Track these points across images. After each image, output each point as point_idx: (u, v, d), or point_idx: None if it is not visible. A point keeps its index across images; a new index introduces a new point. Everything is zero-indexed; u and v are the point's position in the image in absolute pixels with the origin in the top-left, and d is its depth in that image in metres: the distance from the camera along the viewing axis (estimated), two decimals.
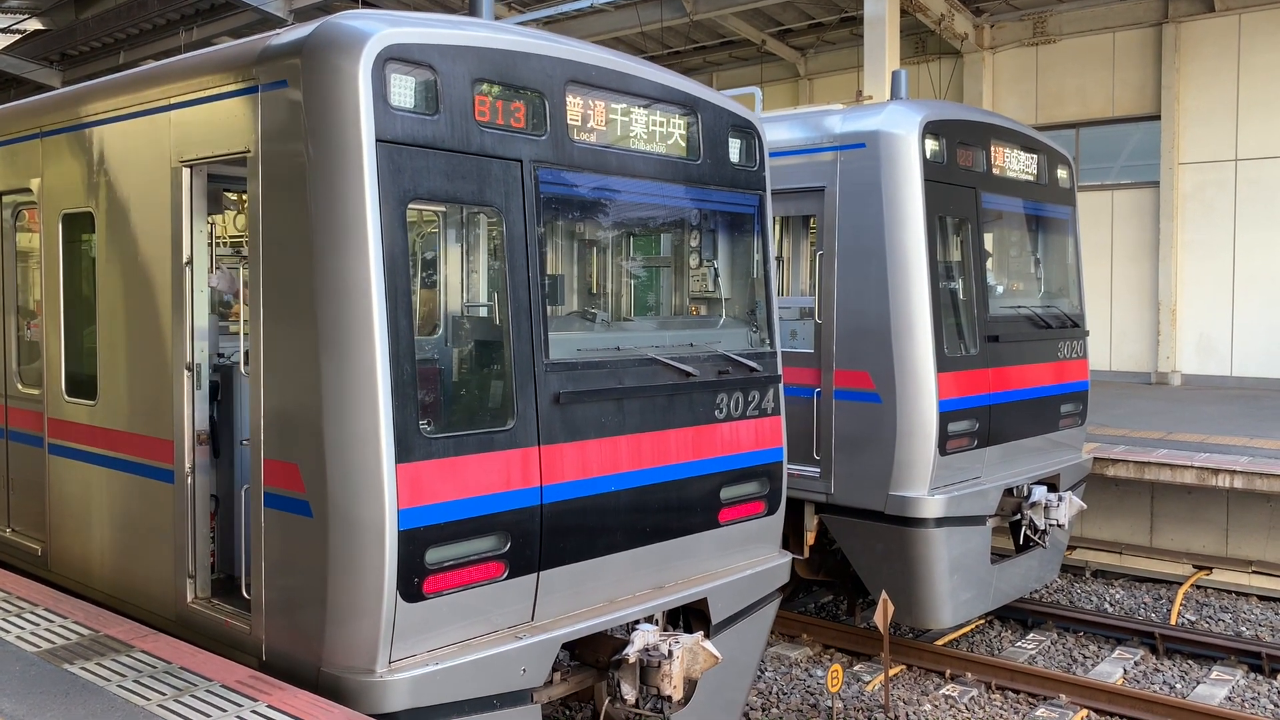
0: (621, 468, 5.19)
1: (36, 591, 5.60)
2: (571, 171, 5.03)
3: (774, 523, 6.12)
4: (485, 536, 4.60)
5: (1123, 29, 17.67)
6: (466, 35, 4.66)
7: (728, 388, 5.74)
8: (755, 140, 6.09)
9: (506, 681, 4.62)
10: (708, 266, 6.20)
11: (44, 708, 4.05)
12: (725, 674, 5.71)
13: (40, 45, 24.58)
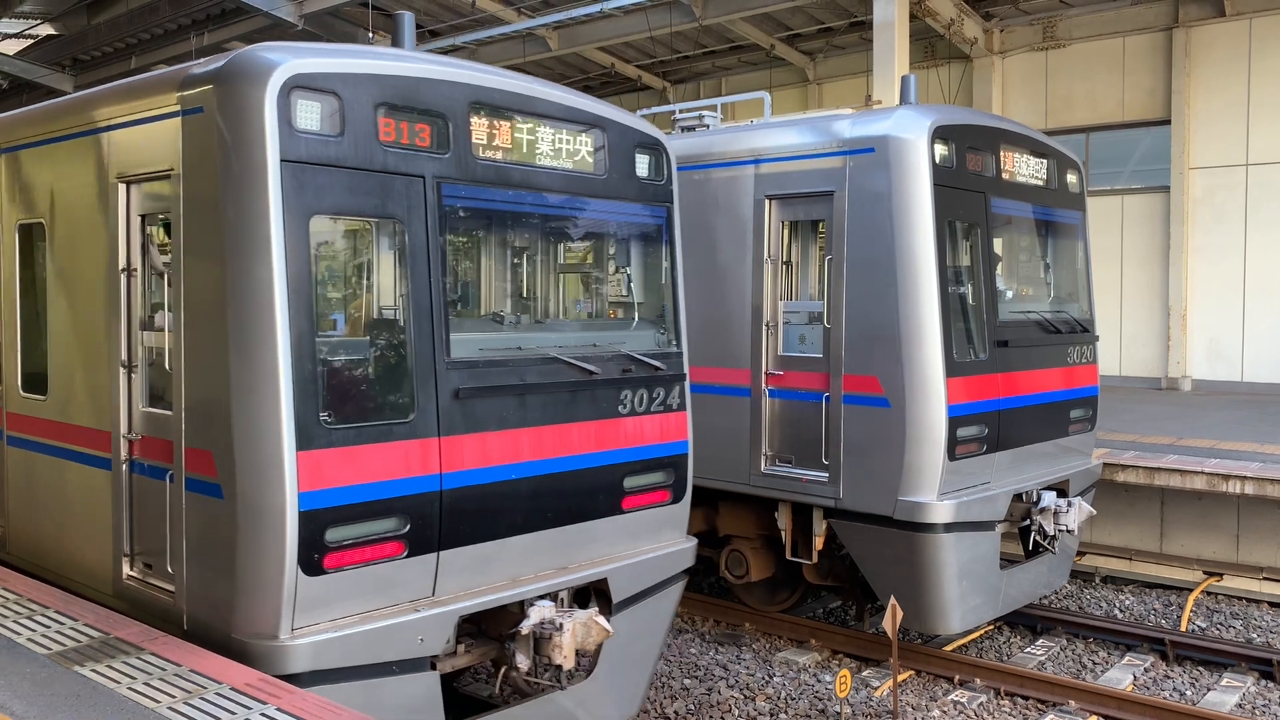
0: (522, 457, 5.64)
1: (47, 594, 5.63)
2: (475, 186, 5.51)
3: (679, 510, 6.57)
4: (385, 519, 5.06)
5: (1133, 33, 17.64)
6: (370, 64, 5.12)
7: (631, 385, 6.23)
8: (663, 156, 6.56)
9: (404, 649, 5.07)
10: (614, 273, 6.71)
11: (55, 710, 4.07)
12: (629, 649, 6.21)
13: (52, 50, 24.72)
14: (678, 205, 6.70)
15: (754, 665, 8.33)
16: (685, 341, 6.67)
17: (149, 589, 5.38)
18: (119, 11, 22.56)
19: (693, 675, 8.10)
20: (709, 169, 8.76)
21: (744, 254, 8.51)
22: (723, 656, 8.51)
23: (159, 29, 21.88)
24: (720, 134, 8.92)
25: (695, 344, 8.83)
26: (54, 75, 25.27)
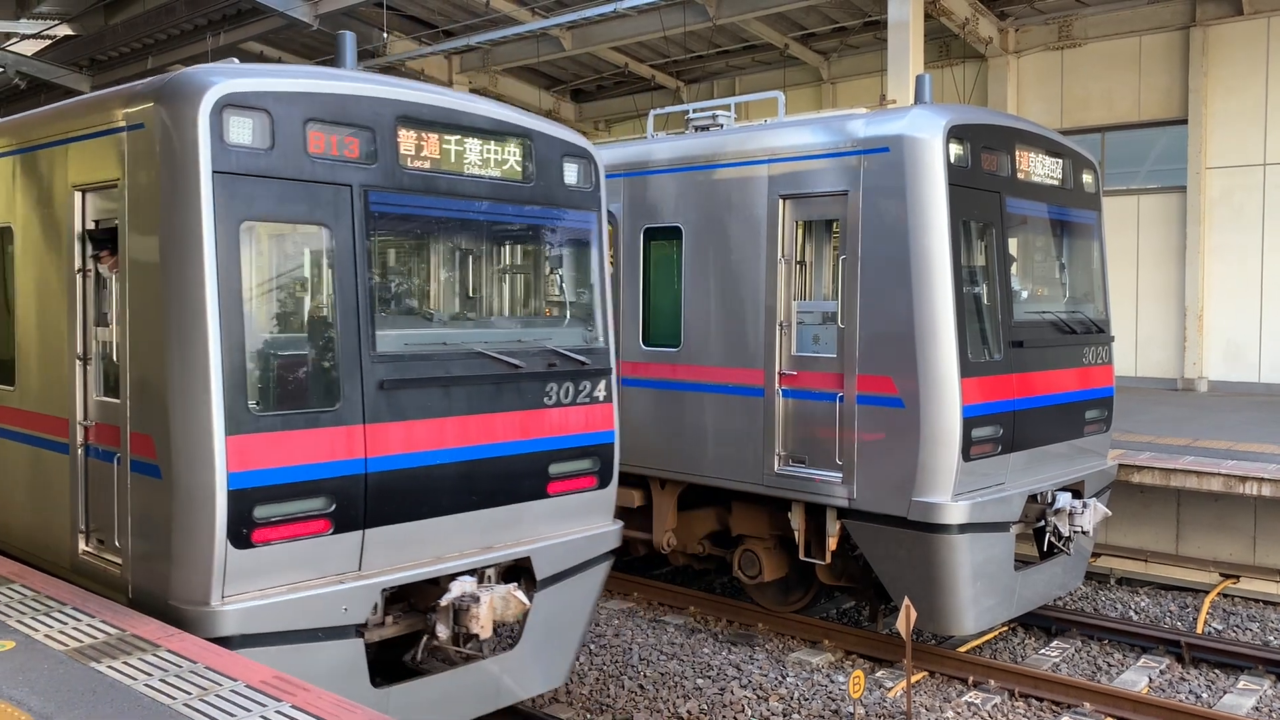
0: (447, 444, 6.08)
1: (65, 590, 5.67)
2: (402, 193, 5.95)
3: (605, 495, 7.03)
4: (311, 499, 5.49)
5: (1149, 32, 17.54)
6: (299, 83, 5.57)
7: (557, 378, 6.67)
8: (591, 165, 7.00)
9: (329, 618, 5.53)
10: (542, 273, 7.14)
11: (72, 706, 4.09)
12: (554, 623, 6.72)
13: (70, 50, 24.87)
14: (604, 210, 7.13)
15: (767, 665, 8.32)
16: (612, 338, 7.14)
17: (102, 562, 5.84)
18: (136, 12, 22.67)
19: (705, 675, 8.10)
20: (722, 168, 8.76)
21: (758, 254, 8.50)
22: (735, 656, 8.50)
23: (175, 29, 21.98)
24: (734, 134, 8.91)
25: (708, 344, 8.83)
26: (71, 75, 25.42)
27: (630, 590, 10.17)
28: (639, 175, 9.39)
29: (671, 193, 9.14)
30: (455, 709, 6.28)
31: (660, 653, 8.56)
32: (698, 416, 8.91)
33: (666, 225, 9.18)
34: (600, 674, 8.11)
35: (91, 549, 5.98)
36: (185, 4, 20.90)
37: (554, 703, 7.65)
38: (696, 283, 8.93)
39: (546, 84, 24.09)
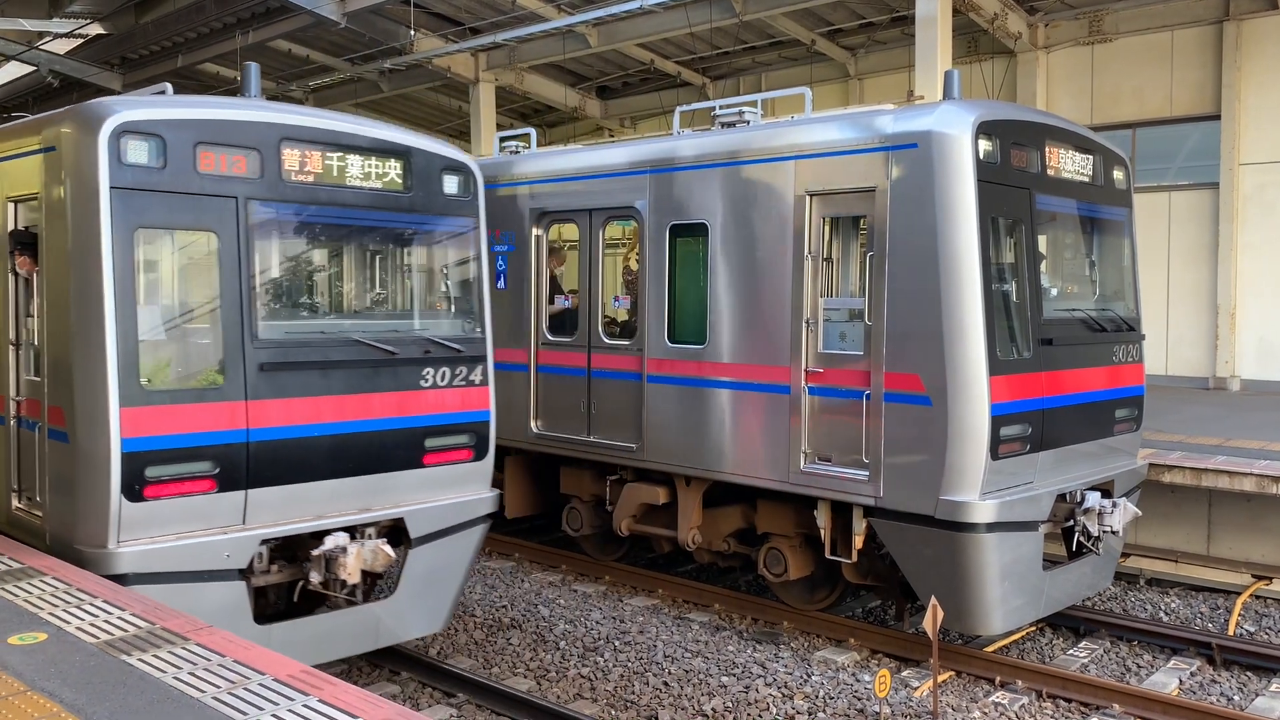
0: (324, 419, 6.99)
1: (96, 584, 5.73)
2: (284, 203, 6.91)
3: (481, 467, 7.91)
4: (197, 462, 6.46)
5: (1182, 27, 17.33)
6: (191, 111, 6.57)
7: (434, 363, 7.56)
8: (469, 177, 7.92)
9: (212, 562, 6.50)
10: (420, 272, 8.03)
11: (103, 698, 4.14)
12: (430, 576, 7.64)
13: (101, 49, 25.13)
14: (483, 216, 8.04)
15: (792, 664, 8.30)
16: (489, 330, 8.02)
17: (29, 516, 6.89)
18: (166, 11, 22.87)
19: (730, 673, 8.09)
20: (749, 165, 8.73)
21: (784, 250, 8.47)
22: (760, 654, 8.48)
23: (205, 27, 22.15)
24: (760, 130, 8.88)
25: (734, 341, 8.81)
26: (103, 74, 25.68)
27: (655, 587, 10.17)
28: (664, 172, 9.37)
29: (697, 189, 9.12)
30: (335, 646, 7.24)
31: (685, 650, 8.55)
32: (723, 414, 8.89)
33: (692, 222, 9.16)
34: (625, 670, 8.11)
35: (22, 505, 7.05)
36: (214, 2, 21.06)
37: (578, 699, 7.67)
38: (722, 279, 8.91)
39: (572, 81, 24.10)
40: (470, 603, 9.75)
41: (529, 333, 10.57)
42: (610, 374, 9.86)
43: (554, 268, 10.73)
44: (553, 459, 10.90)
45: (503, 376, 10.81)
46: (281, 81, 25.06)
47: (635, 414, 9.59)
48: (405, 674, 8.03)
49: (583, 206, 10.10)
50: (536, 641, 8.78)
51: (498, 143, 11.70)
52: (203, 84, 26.60)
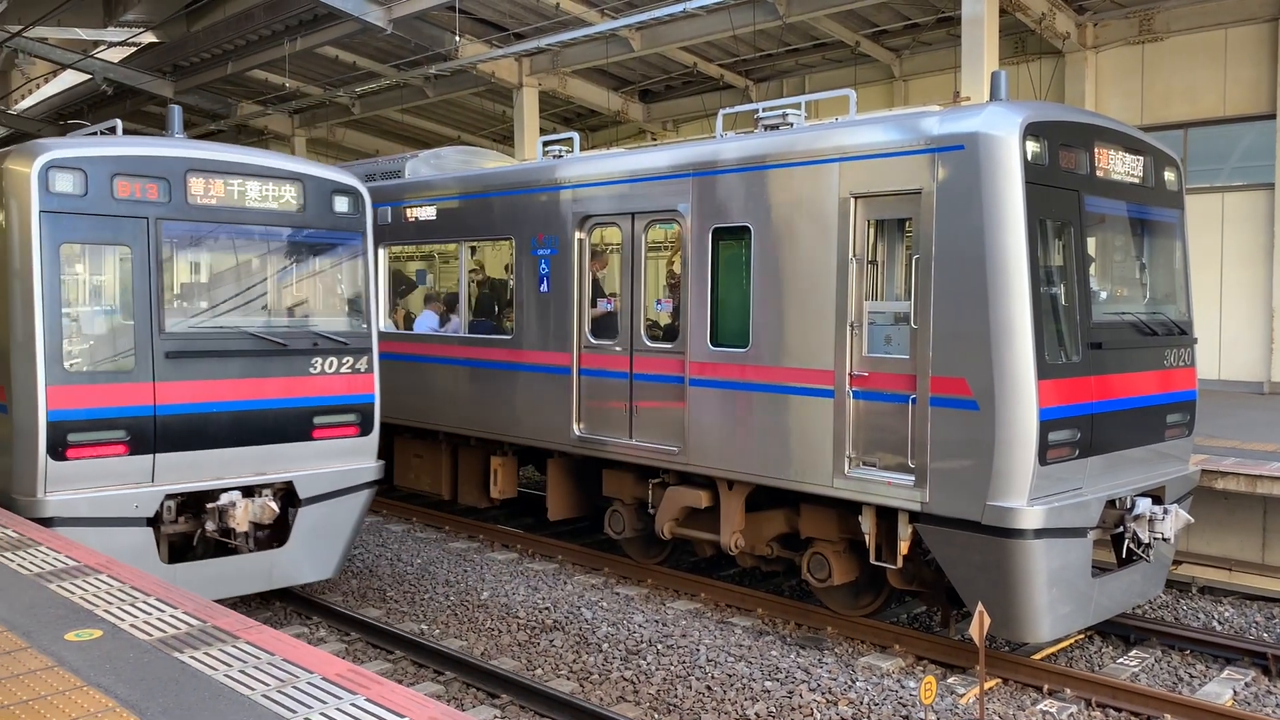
0: (222, 399, 8.57)
1: (150, 582, 5.83)
2: (188, 222, 8.53)
3: (367, 442, 9.41)
4: (111, 431, 8.07)
5: (1236, 25, 17.01)
6: (110, 149, 8.20)
7: (322, 354, 9.10)
8: (358, 198, 9.49)
9: (124, 511, 8.14)
10: (312, 277, 9.49)
11: (155, 694, 4.21)
12: (319, 531, 9.13)
13: (154, 57, 25.61)
14: (369, 230, 9.59)
15: (836, 669, 8.25)
16: (375, 326, 9.55)
17: None
18: (217, 19, 23.26)
19: (774, 677, 8.06)
20: (793, 167, 8.70)
21: (828, 253, 8.43)
22: (804, 659, 8.44)
23: (254, 35, 22.51)
24: (804, 132, 8.85)
25: (777, 344, 8.78)
26: (155, 81, 26.16)
27: (697, 591, 10.16)
28: (707, 175, 9.37)
29: (740, 192, 9.10)
30: (233, 585, 8.77)
31: (728, 654, 8.53)
32: (766, 417, 8.86)
33: (735, 225, 9.15)
34: (667, 674, 8.11)
35: None
36: (264, 10, 21.40)
37: (621, 702, 7.68)
38: (766, 282, 8.88)
39: (615, 84, 24.17)
40: (513, 604, 9.80)
41: (571, 336, 10.60)
42: (652, 377, 9.87)
43: (596, 271, 10.76)
44: (595, 462, 10.92)
45: (545, 379, 10.86)
46: (328, 88, 25.38)
47: (677, 417, 9.59)
48: (449, 674, 8.09)
49: (625, 210, 10.12)
50: (579, 643, 8.80)
51: (541, 147, 11.76)
52: (252, 89, 27.03)
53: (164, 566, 8.37)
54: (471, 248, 12.29)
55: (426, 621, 9.50)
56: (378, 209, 13.15)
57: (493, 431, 11.63)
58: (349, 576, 10.85)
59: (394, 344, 12.95)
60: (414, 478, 13.33)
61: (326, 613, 9.45)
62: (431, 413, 12.41)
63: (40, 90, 31.22)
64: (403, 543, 12.19)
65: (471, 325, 12.20)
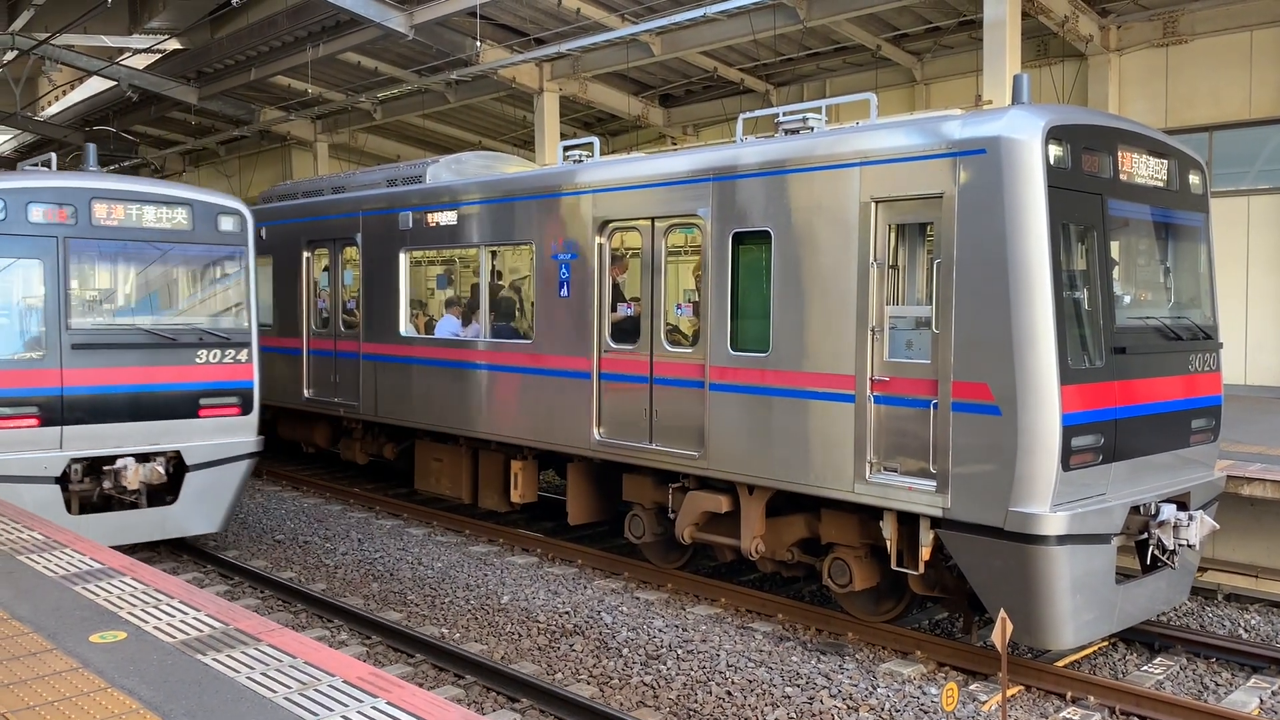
0: (120, 382, 10.53)
1: (173, 585, 5.88)
2: (93, 240, 10.55)
3: (247, 420, 11.41)
4: (26, 406, 9.99)
5: (1261, 27, 16.86)
6: (26, 181, 10.21)
7: (206, 346, 11.13)
8: (241, 218, 11.52)
9: (34, 471, 10.02)
10: (201, 284, 11.50)
11: (178, 696, 4.24)
12: (205, 493, 11.14)
13: (178, 64, 25.82)
14: (251, 245, 11.56)
15: (857, 675, 8.21)
16: (254, 324, 11.52)
17: None
18: (240, 26, 23.44)
19: (794, 683, 8.03)
20: (813, 171, 8.68)
21: (849, 258, 8.41)
22: (825, 665, 8.41)
23: (277, 41, 22.66)
24: (825, 136, 8.83)
25: (798, 349, 8.76)
26: (180, 88, 26.39)
27: (717, 596, 10.14)
28: (727, 180, 9.36)
29: (761, 197, 9.09)
30: (130, 534, 10.72)
31: (748, 659, 8.51)
32: (787, 422, 8.84)
33: (755, 230, 9.14)
34: (687, 679, 8.10)
35: None
36: (287, 17, 21.54)
37: (641, 706, 7.67)
38: (786, 287, 8.87)
39: (635, 89, 24.20)
40: (534, 608, 9.81)
41: (591, 340, 10.61)
42: (673, 381, 9.86)
43: (616, 276, 10.77)
44: (615, 466, 10.93)
45: (565, 384, 10.87)
46: (350, 93, 25.53)
47: (698, 422, 9.58)
48: (470, 678, 8.10)
49: (645, 214, 10.13)
50: (599, 648, 8.80)
51: (561, 152, 11.79)
52: (274, 95, 27.21)
53: (70, 517, 10.31)
54: (492, 252, 12.32)
55: (447, 625, 9.52)
56: (399, 214, 13.22)
57: (513, 436, 11.65)
58: (369, 580, 10.90)
59: (414, 348, 13.00)
60: (434, 481, 13.38)
61: (348, 616, 9.49)
62: (452, 417, 12.45)
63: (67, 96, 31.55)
64: (423, 546, 12.22)
65: (492, 330, 12.23)
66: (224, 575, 11.15)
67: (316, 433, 15.85)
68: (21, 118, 29.92)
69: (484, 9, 18.37)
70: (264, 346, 15.72)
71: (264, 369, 15.79)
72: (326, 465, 17.78)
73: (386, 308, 13.44)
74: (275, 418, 16.80)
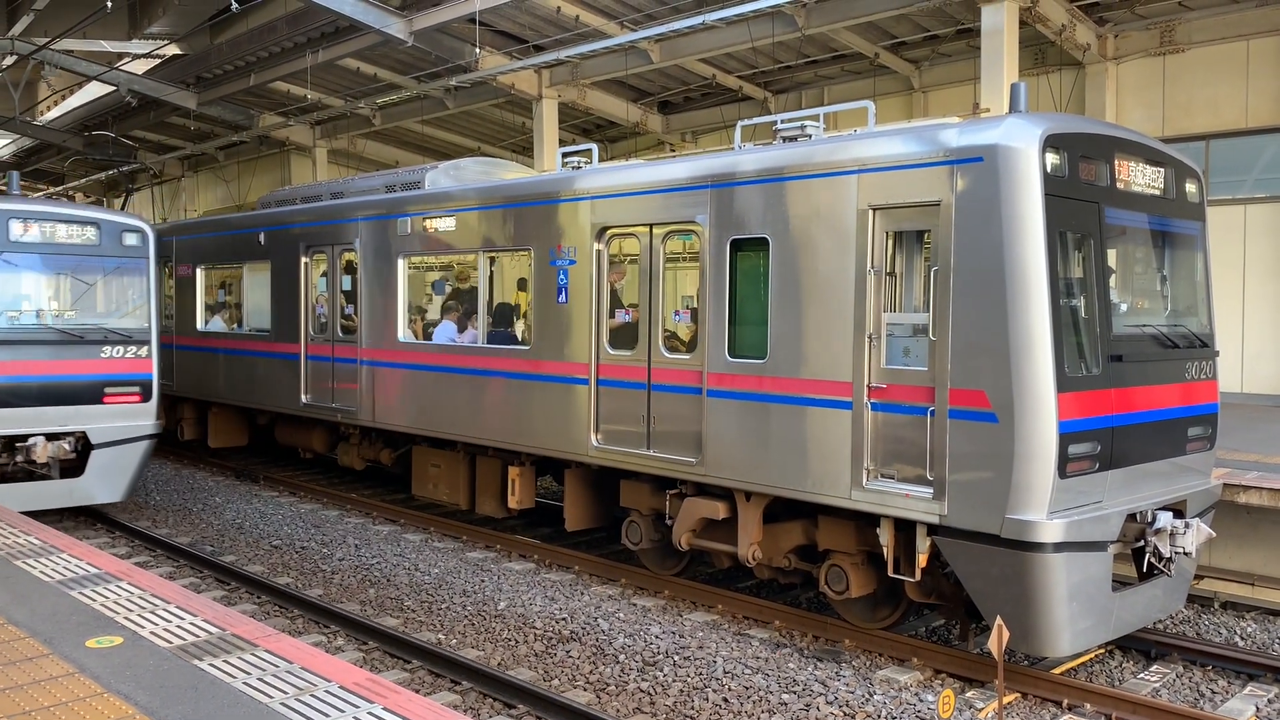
0: (34, 374, 12.29)
1: (170, 590, 5.88)
2: (13, 254, 12.44)
3: (148, 406, 13.15)
4: None
5: (1258, 36, 16.93)
6: None
7: (110, 343, 12.90)
8: (143, 234, 13.36)
9: None
10: (108, 290, 13.21)
11: (174, 701, 4.24)
12: (109, 467, 12.88)
13: (178, 69, 25.86)
14: (152, 257, 13.41)
15: (854, 682, 8.22)
16: (154, 324, 13.30)
17: None
18: (240, 31, 23.49)
19: (791, 690, 8.03)
20: (811, 179, 8.71)
21: (847, 265, 8.42)
22: (822, 672, 8.41)
23: (277, 47, 22.71)
24: (823, 144, 8.85)
25: (795, 356, 8.77)
26: (179, 93, 26.42)
27: (714, 602, 10.13)
28: (725, 187, 9.39)
29: (758, 204, 9.11)
30: (43, 501, 12.49)
31: (745, 666, 8.51)
32: (784, 429, 8.85)
33: (753, 236, 9.16)
34: (684, 686, 8.10)
35: None
36: (286, 23, 21.59)
37: (637, 713, 7.67)
38: (784, 294, 8.88)
39: (634, 96, 24.25)
40: (530, 614, 9.81)
41: (589, 347, 10.62)
42: (670, 388, 9.87)
43: (614, 282, 10.78)
44: (612, 472, 10.93)
45: (562, 390, 10.88)
46: (349, 99, 25.56)
47: (695, 428, 9.59)
48: (466, 684, 8.10)
49: (643, 221, 10.14)
50: (596, 654, 8.80)
51: (560, 158, 11.81)
52: (274, 101, 27.24)
53: None
54: (490, 258, 12.34)
55: (443, 631, 9.52)
56: (398, 219, 13.23)
57: (510, 442, 11.66)
58: (366, 585, 10.89)
59: (412, 354, 13.00)
60: (432, 487, 13.37)
61: (344, 621, 9.49)
62: (450, 422, 12.45)
63: (66, 101, 31.58)
64: (420, 552, 12.22)
65: (490, 335, 12.24)
66: (221, 580, 11.14)
67: (314, 438, 15.85)
68: (20, 122, 29.93)
69: (483, 15, 18.41)
70: (261, 352, 15.75)
71: (264, 374, 15.81)
72: (324, 471, 17.77)
73: (384, 313, 13.45)
74: (273, 423, 16.80)
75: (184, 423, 18.40)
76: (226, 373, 16.75)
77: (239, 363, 16.44)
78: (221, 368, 16.89)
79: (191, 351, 17.78)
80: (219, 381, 16.95)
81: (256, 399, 16.06)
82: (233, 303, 17.35)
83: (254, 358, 16.03)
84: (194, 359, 17.70)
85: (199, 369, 17.51)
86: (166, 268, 18.44)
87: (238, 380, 16.46)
